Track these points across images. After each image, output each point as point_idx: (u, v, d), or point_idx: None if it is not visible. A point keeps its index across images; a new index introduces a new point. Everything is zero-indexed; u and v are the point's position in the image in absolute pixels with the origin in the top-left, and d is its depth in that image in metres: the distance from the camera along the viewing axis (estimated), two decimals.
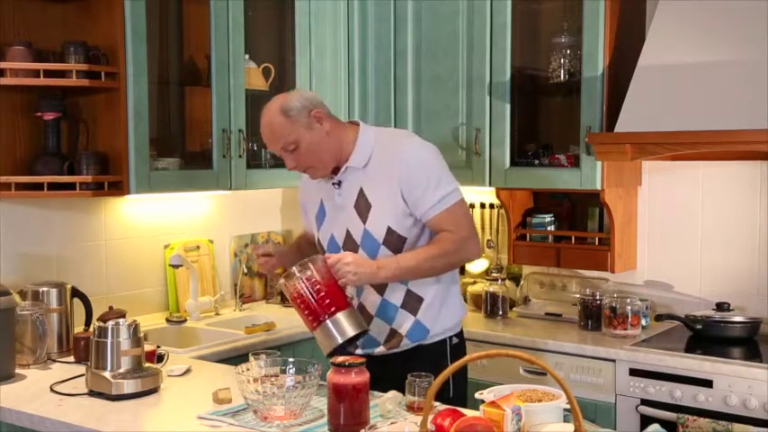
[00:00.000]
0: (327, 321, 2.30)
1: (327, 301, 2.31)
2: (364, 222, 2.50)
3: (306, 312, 2.34)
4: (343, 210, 2.55)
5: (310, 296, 2.32)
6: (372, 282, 2.46)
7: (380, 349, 2.56)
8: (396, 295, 2.52)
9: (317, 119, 2.48)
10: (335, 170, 2.55)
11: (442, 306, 2.56)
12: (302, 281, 2.31)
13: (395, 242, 2.47)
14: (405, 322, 2.53)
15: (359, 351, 2.55)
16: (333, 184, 2.56)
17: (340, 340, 2.31)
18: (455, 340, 2.61)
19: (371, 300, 2.53)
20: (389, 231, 2.47)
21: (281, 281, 2.37)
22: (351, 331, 2.32)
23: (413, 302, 2.52)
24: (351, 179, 2.54)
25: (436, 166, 2.49)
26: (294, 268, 2.34)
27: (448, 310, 2.58)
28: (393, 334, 2.54)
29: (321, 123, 2.48)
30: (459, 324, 2.65)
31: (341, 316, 2.31)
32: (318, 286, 2.31)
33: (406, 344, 2.54)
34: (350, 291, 2.51)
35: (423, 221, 2.48)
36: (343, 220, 2.55)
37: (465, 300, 3.77)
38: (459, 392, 2.51)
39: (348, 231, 2.53)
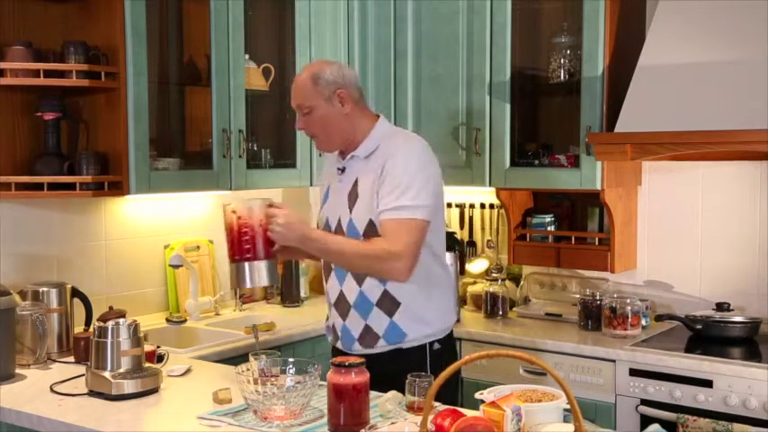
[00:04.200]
0: (244, 264, 2.45)
1: (248, 246, 2.44)
2: (350, 212, 2.52)
3: (229, 245, 2.48)
4: (339, 196, 2.58)
5: (237, 234, 2.44)
6: (299, 246, 2.49)
7: (357, 347, 2.54)
8: (372, 292, 2.50)
9: (340, 98, 2.51)
10: (345, 155, 2.58)
11: (421, 312, 2.52)
12: (236, 218, 2.45)
13: (375, 236, 2.46)
14: (380, 321, 2.51)
15: (338, 345, 2.60)
16: (338, 169, 2.60)
17: (248, 285, 2.49)
18: (437, 346, 2.55)
19: (351, 288, 2.53)
20: (370, 224, 2.47)
21: (225, 206, 2.50)
22: (249, 284, 2.48)
23: (388, 303, 2.50)
24: (353, 168, 2.56)
25: (415, 177, 2.43)
26: (236, 204, 2.49)
27: (429, 316, 2.53)
28: (368, 331, 2.52)
29: (343, 104, 2.52)
30: (445, 330, 2.59)
31: (256, 264, 2.45)
32: (246, 229, 2.44)
33: (383, 345, 2.52)
34: (334, 279, 2.57)
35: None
36: (337, 206, 2.58)
37: (465, 300, 3.81)
38: (449, 395, 2.48)
39: (339, 219, 2.55)
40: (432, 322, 2.54)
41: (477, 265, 3.92)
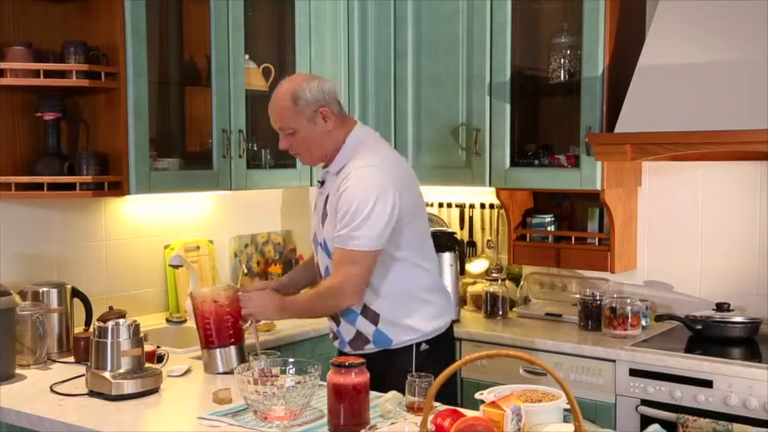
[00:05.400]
0: (216, 351, 2.55)
1: (230, 332, 2.54)
2: (323, 230, 2.54)
3: (206, 333, 2.55)
4: (318, 211, 2.61)
5: (218, 321, 2.53)
6: (277, 317, 2.59)
7: (348, 349, 2.59)
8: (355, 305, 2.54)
9: (322, 116, 2.49)
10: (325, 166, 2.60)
11: (405, 321, 2.54)
12: (215, 306, 2.53)
13: None
14: (367, 328, 2.55)
15: (336, 344, 2.64)
16: (318, 181, 2.63)
17: (221, 370, 2.54)
18: (424, 346, 2.56)
19: None
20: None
21: (190, 293, 2.61)
22: (223, 368, 2.54)
23: (371, 314, 2.54)
24: (328, 182, 2.58)
25: (363, 206, 2.39)
26: (207, 290, 2.61)
27: (414, 324, 2.55)
28: (359, 335, 2.57)
29: (325, 121, 2.50)
30: (434, 332, 2.59)
31: (232, 350, 2.56)
32: (228, 316, 2.54)
33: (371, 348, 2.56)
34: None
35: None
36: (318, 221, 2.61)
37: (465, 300, 3.81)
38: (449, 395, 2.46)
39: (318, 234, 2.59)
40: (418, 329, 2.55)
41: (477, 265, 3.92)
